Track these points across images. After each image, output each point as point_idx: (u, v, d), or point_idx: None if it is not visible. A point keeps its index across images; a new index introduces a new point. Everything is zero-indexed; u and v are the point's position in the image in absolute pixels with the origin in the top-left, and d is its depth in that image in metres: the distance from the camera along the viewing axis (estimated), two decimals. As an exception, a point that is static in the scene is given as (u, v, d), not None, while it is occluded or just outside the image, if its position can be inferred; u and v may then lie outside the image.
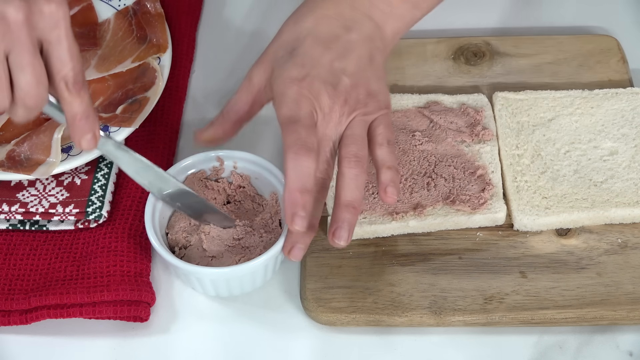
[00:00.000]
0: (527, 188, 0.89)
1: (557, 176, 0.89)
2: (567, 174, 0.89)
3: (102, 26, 1.01)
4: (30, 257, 0.87)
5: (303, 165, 0.76)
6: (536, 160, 0.90)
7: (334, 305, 0.83)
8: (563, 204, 0.87)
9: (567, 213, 0.86)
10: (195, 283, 0.84)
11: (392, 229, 0.87)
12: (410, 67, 1.01)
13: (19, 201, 0.88)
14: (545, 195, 0.88)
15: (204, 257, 0.84)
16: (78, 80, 0.72)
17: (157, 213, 0.85)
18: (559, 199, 0.88)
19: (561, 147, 0.91)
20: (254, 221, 0.86)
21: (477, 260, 0.85)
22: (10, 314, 0.83)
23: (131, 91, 0.94)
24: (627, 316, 0.82)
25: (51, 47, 0.71)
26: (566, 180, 0.89)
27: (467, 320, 0.82)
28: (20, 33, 0.69)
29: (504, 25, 1.08)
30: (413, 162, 0.90)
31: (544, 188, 0.88)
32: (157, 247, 0.82)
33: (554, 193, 0.88)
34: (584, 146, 0.92)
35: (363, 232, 0.86)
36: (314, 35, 0.84)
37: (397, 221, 0.86)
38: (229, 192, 0.89)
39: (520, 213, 0.87)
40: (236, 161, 0.89)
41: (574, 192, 0.88)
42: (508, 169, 0.90)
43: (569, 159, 0.91)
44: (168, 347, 0.83)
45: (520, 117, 0.94)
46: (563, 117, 0.94)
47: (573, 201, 0.87)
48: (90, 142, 0.75)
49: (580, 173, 0.89)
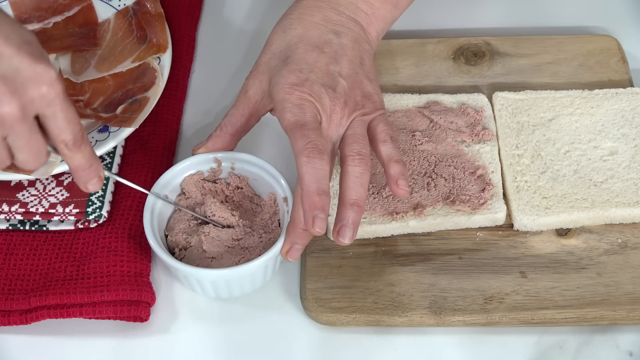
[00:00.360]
0: (527, 188, 0.89)
1: (557, 176, 0.89)
2: (567, 174, 0.89)
3: (102, 26, 1.01)
4: (30, 257, 0.87)
5: (317, 167, 0.77)
6: (536, 160, 0.90)
7: (334, 305, 0.83)
8: (563, 204, 0.87)
9: (567, 213, 0.86)
10: (195, 285, 0.84)
11: (392, 229, 0.87)
12: (410, 67, 1.01)
13: (19, 201, 0.88)
14: (545, 195, 0.88)
15: (203, 259, 0.84)
16: (77, 139, 0.74)
17: (156, 215, 0.85)
18: (559, 199, 0.88)
19: (561, 147, 0.91)
20: (253, 222, 0.86)
21: (477, 260, 0.85)
22: (10, 314, 0.82)
23: (131, 91, 0.94)
24: (627, 316, 0.82)
25: (47, 120, 0.72)
26: (566, 180, 0.89)
27: (467, 320, 0.82)
28: (15, 124, 0.70)
29: (504, 25, 1.08)
30: (413, 162, 0.90)
31: (544, 188, 0.88)
32: (156, 250, 0.82)
33: (554, 193, 0.88)
34: (584, 146, 0.92)
35: (363, 232, 0.86)
36: (305, 41, 0.84)
37: (397, 221, 0.86)
38: (227, 193, 0.89)
39: (520, 213, 0.87)
40: (234, 162, 0.88)
41: (574, 192, 0.88)
42: (508, 169, 0.90)
43: (569, 159, 0.91)
44: (168, 347, 0.83)
45: (520, 117, 0.94)
46: (563, 117, 0.94)
47: (573, 201, 0.87)
48: (96, 185, 0.77)
49: (580, 173, 0.89)
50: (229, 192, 0.89)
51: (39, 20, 1.01)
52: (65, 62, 0.99)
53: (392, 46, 1.02)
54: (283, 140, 0.97)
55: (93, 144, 0.89)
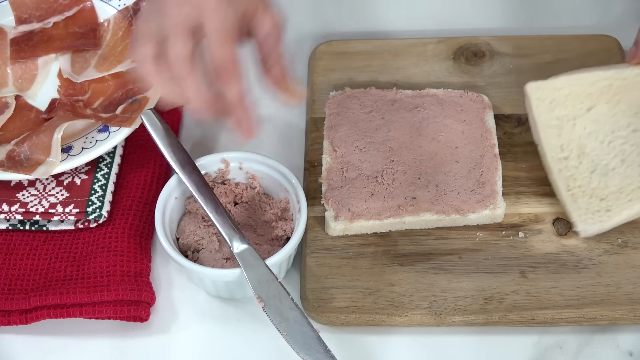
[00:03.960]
0: (582, 194, 0.86)
1: (606, 171, 0.87)
2: (616, 167, 0.87)
3: (102, 26, 1.01)
4: (30, 257, 0.87)
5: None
6: (583, 160, 0.88)
7: (334, 305, 0.83)
8: (621, 201, 0.85)
9: (629, 209, 0.85)
10: (210, 285, 0.83)
11: (389, 224, 0.86)
12: (410, 67, 1.01)
13: (19, 201, 0.88)
14: (602, 197, 0.86)
15: (218, 260, 0.84)
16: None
17: (167, 218, 0.85)
18: (616, 195, 0.86)
19: (604, 138, 0.89)
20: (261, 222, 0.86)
21: (477, 260, 0.85)
22: (10, 314, 0.83)
23: (131, 91, 0.94)
24: (627, 316, 0.82)
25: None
26: (617, 173, 0.87)
27: (467, 320, 0.82)
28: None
29: (504, 25, 1.08)
30: (412, 158, 0.90)
31: (597, 189, 0.87)
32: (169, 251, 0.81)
33: (609, 191, 0.86)
34: (624, 133, 0.89)
35: (360, 227, 0.86)
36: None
37: (393, 217, 0.86)
38: (237, 193, 0.88)
39: (583, 224, 0.85)
40: (242, 162, 0.88)
41: (628, 184, 0.86)
42: (558, 176, 0.87)
43: (613, 150, 0.88)
44: (168, 347, 0.83)
45: (559, 111, 0.90)
46: (601, 105, 0.90)
47: (630, 193, 0.86)
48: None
49: (628, 162, 0.87)
50: (238, 191, 0.88)
51: (39, 20, 1.01)
52: (65, 62, 0.99)
53: (392, 46, 1.03)
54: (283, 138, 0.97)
55: (93, 144, 0.89)
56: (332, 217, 0.86)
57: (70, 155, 0.88)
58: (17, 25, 1.01)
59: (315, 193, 0.90)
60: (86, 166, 0.91)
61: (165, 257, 0.86)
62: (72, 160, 0.88)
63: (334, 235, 0.87)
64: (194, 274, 0.82)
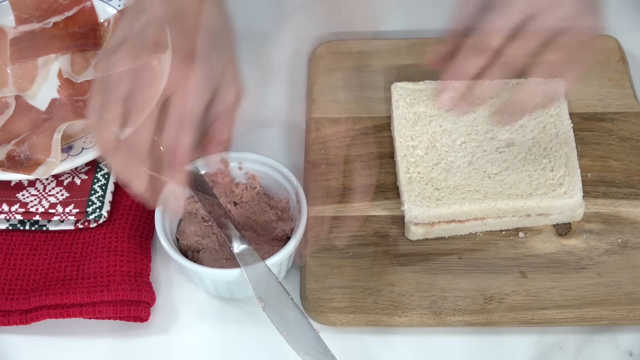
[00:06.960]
0: (419, 179, 0.88)
1: (450, 167, 0.88)
2: (461, 166, 0.88)
3: (102, 26, 1.01)
4: (30, 257, 0.87)
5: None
6: (431, 152, 0.89)
7: (334, 305, 0.83)
8: (455, 196, 0.86)
9: (458, 204, 0.85)
10: (210, 285, 0.83)
11: (469, 227, 0.87)
12: (410, 67, 1.01)
13: (19, 201, 0.88)
14: (438, 187, 0.87)
15: (218, 260, 0.84)
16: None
17: (167, 218, 0.84)
18: (451, 190, 0.87)
19: (457, 138, 0.90)
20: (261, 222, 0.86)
21: (477, 260, 0.85)
22: (10, 314, 0.83)
23: (131, 91, 0.94)
24: (627, 316, 0.82)
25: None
26: (460, 171, 0.88)
27: (467, 320, 0.82)
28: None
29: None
30: None
31: (436, 179, 0.87)
32: (169, 252, 0.81)
33: (446, 184, 0.87)
34: (480, 137, 0.90)
35: (441, 230, 0.87)
36: None
37: (475, 220, 0.86)
38: (237, 193, 0.88)
39: (411, 204, 0.86)
40: (241, 162, 0.88)
41: (466, 184, 0.87)
42: (402, 160, 0.89)
43: (464, 151, 0.89)
44: (168, 347, 0.83)
45: (417, 108, 0.93)
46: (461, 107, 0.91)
47: (465, 192, 0.86)
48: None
49: (474, 164, 0.88)
50: (238, 191, 0.88)
51: (39, 20, 1.01)
52: (65, 62, 0.99)
53: (392, 46, 1.02)
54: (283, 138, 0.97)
55: (93, 144, 0.89)
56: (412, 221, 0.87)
57: (70, 155, 0.88)
58: (17, 25, 1.01)
59: (316, 193, 0.90)
60: (86, 166, 0.91)
61: (165, 257, 0.86)
62: (72, 160, 0.88)
63: (414, 239, 0.87)
64: (194, 274, 0.82)
